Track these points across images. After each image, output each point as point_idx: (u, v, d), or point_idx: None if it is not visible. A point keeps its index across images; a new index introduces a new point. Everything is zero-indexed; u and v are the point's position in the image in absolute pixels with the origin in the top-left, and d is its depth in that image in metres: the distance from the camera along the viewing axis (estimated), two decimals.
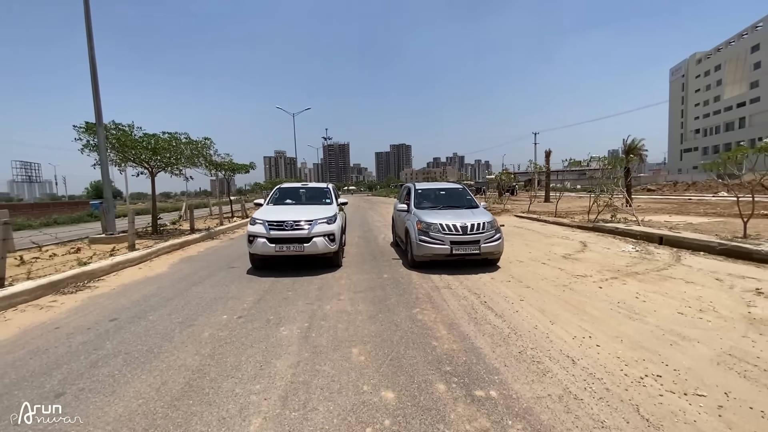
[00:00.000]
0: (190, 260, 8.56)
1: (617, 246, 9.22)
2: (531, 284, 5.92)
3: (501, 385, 2.91)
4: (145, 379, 3.09)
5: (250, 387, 2.93)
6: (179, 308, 5.01)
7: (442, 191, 8.71)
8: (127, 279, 6.79)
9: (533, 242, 10.07)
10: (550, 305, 4.88)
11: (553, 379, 2.98)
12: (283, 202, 8.32)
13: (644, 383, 2.91)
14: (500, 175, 29.50)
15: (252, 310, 4.89)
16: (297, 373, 3.15)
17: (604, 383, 2.92)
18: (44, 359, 3.52)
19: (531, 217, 16.87)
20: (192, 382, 3.03)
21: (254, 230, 6.77)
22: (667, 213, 16.61)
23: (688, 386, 2.86)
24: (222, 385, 2.97)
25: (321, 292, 5.72)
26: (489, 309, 4.77)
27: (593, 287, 5.67)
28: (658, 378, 2.98)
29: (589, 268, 6.89)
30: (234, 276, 6.86)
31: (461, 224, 6.72)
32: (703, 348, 3.51)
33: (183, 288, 6.09)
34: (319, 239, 6.76)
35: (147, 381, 3.06)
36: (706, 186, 37.06)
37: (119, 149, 10.00)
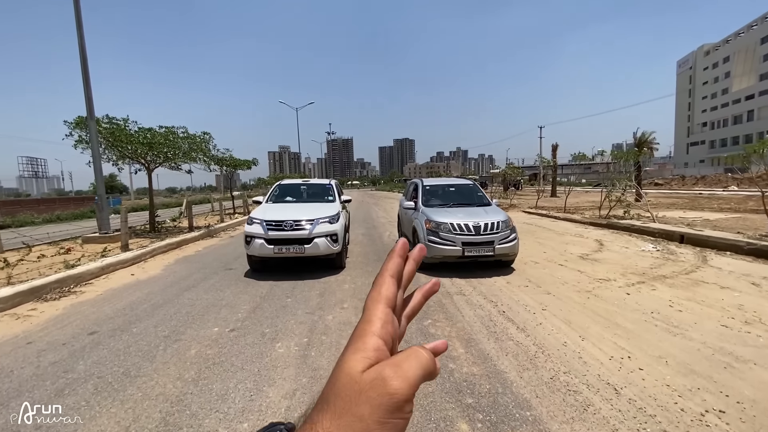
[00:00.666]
0: (186, 261, 8.13)
1: (635, 245, 8.71)
2: (551, 290, 5.44)
3: (536, 425, 2.44)
4: (114, 413, 2.64)
5: (236, 426, 2.48)
6: (167, 318, 4.57)
7: (452, 188, 8.20)
8: (116, 282, 6.36)
9: (546, 241, 9.57)
10: (577, 316, 4.40)
11: (597, 417, 2.51)
12: (283, 200, 7.85)
13: (707, 421, 2.44)
14: (506, 170, 28.90)
15: (246, 321, 4.44)
16: (293, 405, 2.69)
17: (659, 422, 2.44)
18: (5, 385, 3.08)
19: (540, 212, 16.33)
20: (169, 417, 2.58)
21: (252, 230, 6.31)
22: (680, 208, 16.02)
23: (758, 426, 2.38)
24: (203, 423, 2.52)
25: (323, 299, 5.26)
26: (509, 320, 4.30)
27: (620, 293, 5.18)
28: (722, 414, 2.50)
29: (611, 271, 6.40)
30: (230, 279, 6.41)
31: (474, 223, 6.23)
32: (763, 372, 3.03)
33: (174, 293, 5.64)
34: (321, 240, 6.30)
35: (116, 416, 2.60)
36: (715, 180, 36.28)
37: (113, 144, 9.54)
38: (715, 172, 48.73)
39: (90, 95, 8.91)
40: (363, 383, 0.31)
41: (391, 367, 0.32)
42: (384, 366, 0.32)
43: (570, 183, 47.72)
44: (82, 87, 8.84)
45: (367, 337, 0.34)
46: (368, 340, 0.34)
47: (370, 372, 0.32)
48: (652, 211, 11.82)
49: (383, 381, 0.31)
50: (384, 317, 0.35)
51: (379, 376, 0.31)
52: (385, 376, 0.31)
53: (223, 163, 14.83)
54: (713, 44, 69.10)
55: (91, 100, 8.91)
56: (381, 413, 0.30)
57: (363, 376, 0.31)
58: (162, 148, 10.11)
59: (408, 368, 0.32)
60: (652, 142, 21.86)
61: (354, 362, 0.32)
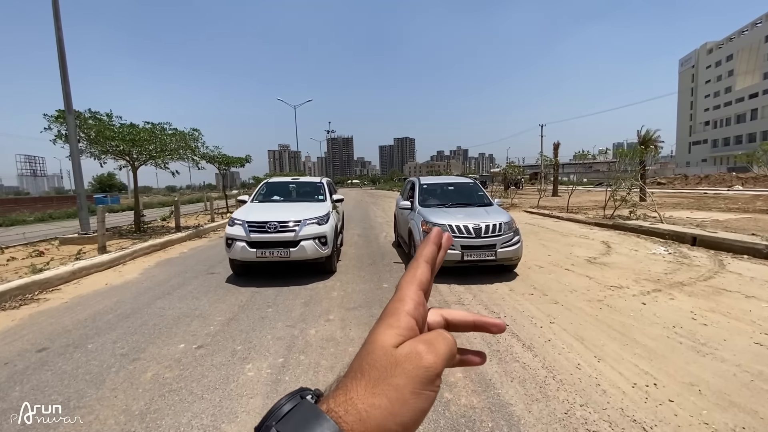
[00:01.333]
0: (168, 264, 7.65)
1: (645, 247, 8.23)
2: (559, 298, 4.95)
3: None
4: None
5: None
6: (131, 332, 4.09)
7: (450, 186, 7.70)
8: (87, 288, 5.87)
9: (550, 242, 9.09)
10: (589, 330, 3.92)
11: None
12: (269, 199, 7.36)
13: None
14: (507, 168, 28.37)
15: (218, 335, 3.96)
16: None
17: None
18: None
19: (542, 212, 15.84)
20: None
21: (232, 232, 5.83)
22: (687, 208, 15.52)
23: None
24: None
25: (307, 308, 4.77)
26: (514, 336, 3.81)
27: (635, 303, 4.70)
28: None
29: (622, 277, 5.91)
30: (210, 285, 5.93)
31: (474, 225, 5.74)
32: None
33: (146, 302, 5.16)
34: (308, 243, 5.81)
35: None
36: (719, 179, 35.72)
37: (94, 140, 9.04)
38: (718, 171, 48.23)
39: (68, 89, 8.41)
40: (399, 356, 0.33)
41: (424, 344, 0.34)
42: (417, 342, 0.34)
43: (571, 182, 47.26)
44: (60, 79, 8.34)
45: (401, 315, 0.36)
46: (402, 318, 0.36)
47: (405, 346, 0.34)
48: (659, 212, 11.33)
49: (418, 355, 0.33)
50: (417, 299, 0.37)
51: (414, 351, 0.33)
52: (420, 351, 0.33)
53: (214, 161, 14.32)
54: (716, 42, 68.46)
55: (69, 94, 8.40)
56: (416, 384, 0.32)
57: (398, 350, 0.33)
58: (147, 145, 9.62)
59: (439, 346, 0.34)
60: (657, 139, 21.36)
61: (388, 337, 0.34)
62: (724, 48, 65.93)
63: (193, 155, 11.20)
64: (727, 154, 61.20)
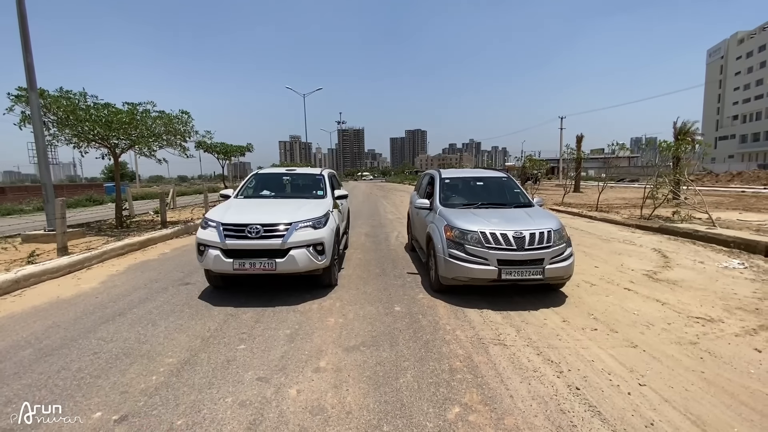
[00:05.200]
0: (140, 268, 6.48)
1: (710, 258, 6.80)
2: (634, 338, 3.62)
3: None
4: None
5: None
6: (38, 383, 2.88)
7: (479, 182, 6.31)
8: (26, 304, 4.71)
9: (592, 249, 7.69)
10: (705, 403, 2.60)
11: None
12: (258, 195, 6.11)
13: None
14: (525, 161, 26.65)
15: (157, 394, 2.73)
16: None
17: None
18: None
19: (570, 211, 14.37)
20: None
21: (204, 237, 4.58)
22: (730, 208, 13.88)
23: None
24: None
25: (292, 346, 3.52)
26: (593, 411, 2.51)
27: (746, 350, 3.35)
28: None
29: (705, 302, 4.55)
30: (178, 302, 4.72)
31: (515, 234, 4.39)
32: None
33: (87, 327, 3.97)
34: (300, 251, 4.54)
35: None
36: (754, 177, 33.49)
37: (63, 121, 7.85)
38: (747, 168, 45.60)
39: (30, 61, 7.20)
40: None
41: None
42: None
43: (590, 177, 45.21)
44: (21, 51, 7.16)
45: None
46: None
47: None
48: (710, 213, 9.77)
49: None
50: None
51: None
52: None
53: (212, 149, 13.13)
54: (748, 32, 64.80)
55: (31, 67, 7.20)
56: None
57: None
58: (127, 128, 8.43)
59: None
60: (696, 132, 19.54)
61: None
62: (757, 38, 62.32)
63: (183, 141, 9.98)
64: (757, 150, 58.19)
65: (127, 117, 8.38)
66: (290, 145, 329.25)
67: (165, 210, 9.93)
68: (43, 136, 7.55)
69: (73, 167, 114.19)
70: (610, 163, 36.45)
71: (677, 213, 10.77)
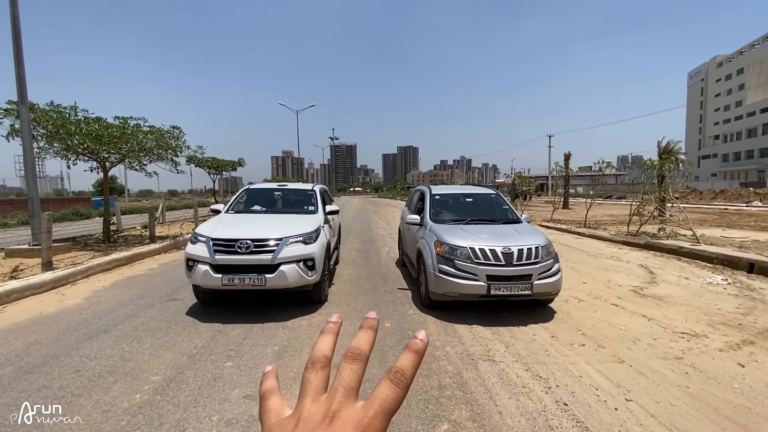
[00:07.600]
0: (127, 284, 6.38)
1: (694, 274, 6.93)
2: (621, 353, 3.66)
3: None
4: None
5: None
6: (16, 403, 2.80)
7: (468, 198, 6.41)
8: (8, 320, 4.60)
9: (579, 265, 7.78)
10: (690, 419, 2.63)
11: None
12: (249, 210, 6.11)
13: None
14: (515, 178, 27.05)
15: (140, 413, 2.68)
16: None
17: None
18: None
19: (559, 227, 14.56)
20: None
21: (194, 252, 4.56)
22: (713, 225, 14.20)
23: None
24: None
25: (280, 363, 3.49)
26: (580, 426, 2.53)
27: (729, 365, 3.41)
28: None
29: (689, 318, 4.62)
30: (164, 318, 4.65)
31: (503, 249, 4.46)
32: None
33: (70, 344, 3.88)
34: (290, 267, 4.53)
35: None
36: (736, 194, 34.37)
37: (52, 134, 7.80)
38: (729, 185, 46.79)
39: (22, 74, 7.20)
40: None
41: None
42: None
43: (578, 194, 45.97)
44: (13, 63, 7.16)
45: None
46: None
47: None
48: (694, 230, 9.99)
49: None
50: None
51: None
52: None
53: (204, 164, 13.11)
54: (726, 55, 67.40)
55: (23, 80, 7.21)
56: None
57: None
58: (118, 142, 8.41)
59: None
60: (678, 151, 20.07)
61: None
62: (735, 61, 64.83)
63: (174, 155, 9.96)
64: (739, 169, 59.80)
65: (118, 131, 8.38)
66: (282, 161, 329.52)
67: (154, 225, 9.83)
68: (32, 150, 7.50)
69: (60, 181, 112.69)
70: (598, 180, 37.05)
71: (663, 229, 10.98)
